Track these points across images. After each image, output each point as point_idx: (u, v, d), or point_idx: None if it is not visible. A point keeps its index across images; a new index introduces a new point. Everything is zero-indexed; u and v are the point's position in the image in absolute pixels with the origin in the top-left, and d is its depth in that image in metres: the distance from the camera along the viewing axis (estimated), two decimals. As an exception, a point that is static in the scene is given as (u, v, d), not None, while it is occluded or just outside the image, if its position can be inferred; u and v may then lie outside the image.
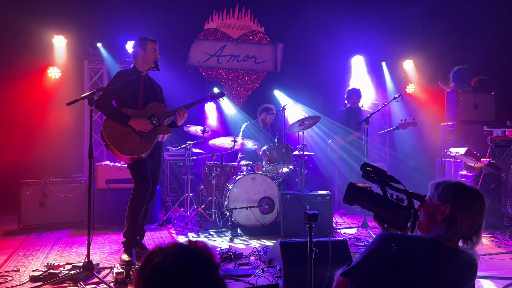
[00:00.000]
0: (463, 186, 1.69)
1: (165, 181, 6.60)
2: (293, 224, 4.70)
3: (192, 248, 0.99)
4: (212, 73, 7.67)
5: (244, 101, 7.76)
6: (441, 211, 1.66)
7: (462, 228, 1.62)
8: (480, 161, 5.02)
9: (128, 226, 3.63)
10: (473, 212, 1.63)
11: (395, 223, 1.84)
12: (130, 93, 3.64)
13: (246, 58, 7.74)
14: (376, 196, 1.93)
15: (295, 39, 7.70)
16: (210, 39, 7.59)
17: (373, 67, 7.90)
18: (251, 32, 7.78)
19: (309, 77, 7.56)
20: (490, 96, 6.37)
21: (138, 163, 3.59)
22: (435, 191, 1.72)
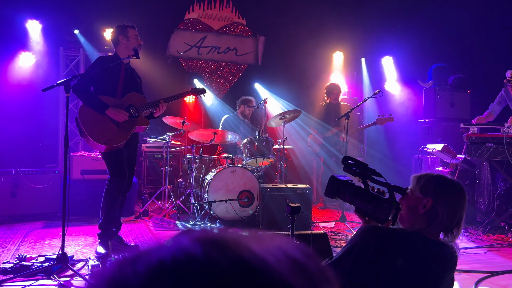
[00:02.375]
0: (445, 179, 1.70)
1: (142, 173, 6.49)
2: (272, 217, 4.69)
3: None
4: (192, 64, 7.57)
5: (224, 94, 7.70)
6: (423, 204, 1.66)
7: (444, 221, 1.63)
8: (456, 158, 5.13)
9: (103, 217, 3.54)
10: (454, 205, 1.65)
11: (377, 216, 1.84)
12: (109, 81, 3.54)
13: (227, 50, 7.66)
14: (357, 189, 1.92)
15: (276, 32, 7.67)
16: (191, 30, 7.47)
17: (353, 63, 7.96)
18: (233, 24, 7.71)
19: (290, 71, 7.55)
20: (466, 94, 6.51)
21: (114, 153, 3.50)
22: (417, 184, 1.73)
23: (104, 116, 3.44)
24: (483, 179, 5.42)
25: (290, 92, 7.47)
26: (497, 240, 4.41)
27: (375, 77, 7.92)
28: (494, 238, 4.50)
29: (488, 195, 5.38)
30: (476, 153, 4.62)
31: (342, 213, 5.09)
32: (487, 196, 5.39)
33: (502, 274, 3.35)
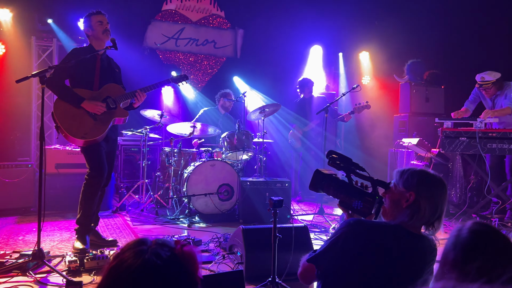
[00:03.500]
0: (427, 173, 1.74)
1: (119, 167, 6.37)
2: (252, 211, 4.70)
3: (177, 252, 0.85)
4: (170, 56, 7.46)
5: (203, 87, 7.62)
6: (405, 198, 1.70)
7: (426, 214, 1.67)
8: (430, 152, 5.26)
9: (82, 212, 3.46)
10: (436, 199, 1.69)
11: (360, 210, 1.87)
12: (85, 73, 3.44)
13: (206, 42, 7.58)
14: (341, 183, 1.95)
15: (255, 25, 7.64)
16: (168, 21, 7.35)
17: (331, 58, 8.03)
18: (211, 16, 7.63)
19: (268, 65, 7.55)
20: (440, 89, 6.67)
21: (93, 147, 3.42)
22: (400, 178, 1.76)
23: (80, 109, 3.35)
24: (456, 172, 5.59)
25: (269, 85, 7.47)
26: (469, 231, 4.56)
27: (352, 71, 8.02)
28: (466, 229, 4.65)
29: (460, 188, 5.55)
30: (449, 147, 4.74)
31: (321, 206, 5.14)
32: (459, 188, 5.57)
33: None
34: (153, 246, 0.85)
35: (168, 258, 0.83)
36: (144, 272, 0.81)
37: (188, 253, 0.85)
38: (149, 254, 0.83)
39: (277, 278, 2.60)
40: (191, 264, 0.85)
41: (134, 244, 0.86)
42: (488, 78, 4.98)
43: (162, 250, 0.84)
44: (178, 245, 0.86)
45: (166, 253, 0.83)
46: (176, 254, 0.84)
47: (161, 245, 0.86)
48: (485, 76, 5.00)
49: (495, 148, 4.57)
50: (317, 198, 5.70)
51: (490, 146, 4.59)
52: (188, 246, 0.88)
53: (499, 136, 4.55)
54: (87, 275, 2.95)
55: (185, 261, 0.84)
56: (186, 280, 0.83)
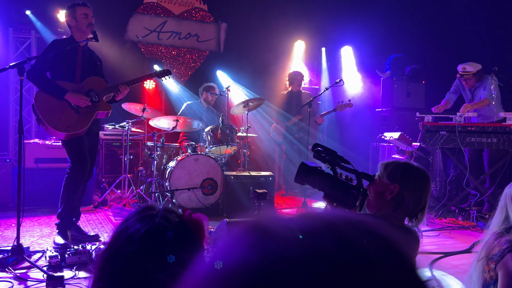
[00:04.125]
0: (411, 166, 1.77)
1: (100, 162, 6.27)
2: (236, 205, 4.70)
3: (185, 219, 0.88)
4: (152, 50, 7.36)
5: (186, 80, 7.55)
6: (390, 190, 1.72)
7: (409, 206, 1.70)
8: (411, 145, 5.35)
9: (63, 207, 3.39)
10: (419, 191, 1.72)
11: (345, 202, 1.88)
12: (66, 65, 3.36)
13: (188, 36, 7.50)
14: (326, 175, 1.96)
15: (239, 19, 7.59)
16: (150, 14, 7.24)
17: (314, 53, 8.05)
18: (194, 9, 7.54)
19: (252, 59, 7.52)
20: (422, 84, 6.78)
21: (75, 140, 3.35)
22: (384, 171, 1.79)
23: (63, 102, 3.28)
24: (436, 166, 5.70)
25: (252, 80, 7.45)
26: (449, 223, 4.67)
27: (335, 66, 8.06)
28: (445, 221, 4.76)
29: (440, 181, 5.66)
30: (430, 141, 4.83)
31: (304, 199, 5.18)
32: (439, 182, 5.68)
33: (454, 255, 3.56)
34: (162, 212, 0.87)
35: (177, 223, 0.86)
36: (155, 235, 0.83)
37: (196, 220, 0.88)
38: (159, 218, 0.85)
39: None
40: (198, 231, 0.87)
41: (143, 209, 0.89)
42: (469, 68, 5.07)
43: (171, 216, 0.87)
44: (186, 212, 0.89)
45: (175, 219, 0.86)
46: (184, 221, 0.87)
47: (170, 211, 0.88)
48: (466, 66, 5.09)
49: (474, 141, 4.67)
50: (300, 192, 5.74)
51: (469, 139, 4.69)
52: (196, 214, 0.90)
53: (477, 130, 4.66)
54: (68, 270, 2.90)
55: (193, 227, 0.87)
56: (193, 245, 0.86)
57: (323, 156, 2.00)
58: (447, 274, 3.14)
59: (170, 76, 3.92)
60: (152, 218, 0.86)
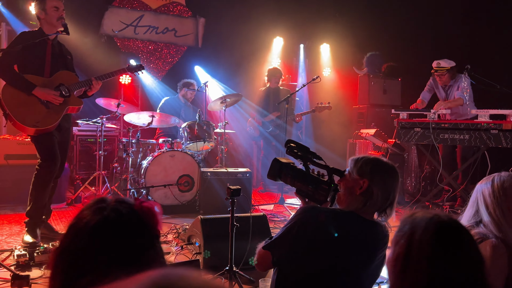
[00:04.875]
0: (380, 161, 1.78)
1: (74, 158, 6.14)
2: (212, 202, 4.66)
3: (136, 208, 0.87)
4: (128, 44, 7.23)
5: (163, 76, 7.45)
6: (359, 185, 1.73)
7: (378, 201, 1.71)
8: (387, 142, 5.42)
9: (32, 204, 3.29)
10: (388, 186, 1.73)
11: (316, 197, 1.89)
12: (35, 58, 3.25)
13: (166, 30, 7.40)
14: (298, 171, 1.96)
15: (217, 14, 7.54)
16: (127, 8, 7.11)
17: (293, 49, 8.06)
18: (171, 4, 7.45)
19: (230, 55, 7.48)
20: (398, 82, 6.87)
21: (44, 136, 3.25)
22: (354, 166, 1.79)
23: (31, 96, 3.17)
24: (411, 162, 5.79)
25: (231, 76, 7.41)
26: (422, 219, 4.74)
27: (313, 63, 8.10)
28: (419, 216, 4.83)
29: (415, 177, 5.76)
30: (405, 137, 4.89)
31: (281, 195, 5.19)
32: (414, 178, 5.77)
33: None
34: (113, 203, 0.87)
35: (128, 213, 0.85)
36: (103, 227, 0.83)
37: (147, 208, 0.88)
38: (108, 211, 0.84)
39: (234, 267, 2.59)
40: (150, 219, 0.87)
41: (93, 203, 0.88)
42: (444, 64, 5.16)
43: (122, 207, 0.86)
44: (137, 201, 0.88)
45: (125, 209, 0.85)
46: (135, 210, 0.86)
47: (121, 202, 0.87)
48: (440, 62, 5.17)
49: (447, 138, 4.76)
50: (278, 188, 5.74)
51: (442, 136, 4.77)
52: (148, 202, 0.90)
53: (450, 127, 4.74)
54: (37, 269, 2.83)
55: (145, 216, 0.86)
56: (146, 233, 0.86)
57: (295, 152, 2.00)
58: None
59: (143, 71, 3.85)
60: (101, 211, 0.85)
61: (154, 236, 0.88)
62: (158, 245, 0.88)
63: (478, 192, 1.76)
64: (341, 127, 7.29)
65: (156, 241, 0.88)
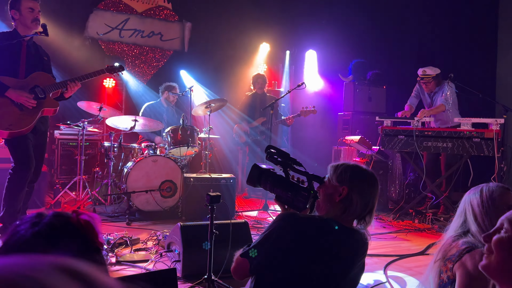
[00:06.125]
0: (360, 168, 1.75)
1: (55, 162, 6.01)
2: (195, 208, 4.59)
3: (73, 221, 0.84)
4: (113, 47, 7.15)
5: (148, 80, 7.38)
6: (338, 192, 1.70)
7: (357, 209, 1.68)
8: (371, 149, 5.42)
9: (6, 210, 3.19)
10: (368, 193, 1.70)
11: (295, 204, 1.86)
12: (9, 60, 3.17)
13: (152, 34, 7.34)
14: (278, 177, 1.93)
15: (204, 19, 7.51)
16: (112, 10, 7.04)
17: (279, 55, 8.07)
18: (158, 8, 7.39)
19: (216, 60, 7.46)
20: (382, 89, 6.91)
21: (19, 139, 3.16)
22: (334, 173, 1.76)
23: (4, 98, 3.08)
24: (395, 170, 5.81)
25: (216, 81, 7.38)
26: (406, 226, 4.75)
27: (299, 70, 8.11)
28: (403, 223, 4.84)
29: (399, 184, 5.78)
30: (389, 144, 4.91)
31: (265, 202, 5.15)
32: (398, 185, 5.79)
33: (408, 257, 3.61)
34: (48, 218, 0.84)
35: (62, 227, 0.83)
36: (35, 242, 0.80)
37: (85, 221, 0.85)
38: (42, 225, 0.82)
39: (213, 276, 2.53)
40: (88, 232, 0.84)
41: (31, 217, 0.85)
42: (429, 71, 5.20)
43: (57, 221, 0.83)
44: (74, 214, 0.85)
45: (60, 223, 0.83)
46: (72, 223, 0.84)
47: (57, 216, 0.84)
48: (426, 69, 5.22)
49: (431, 146, 4.79)
50: (262, 194, 5.70)
51: (426, 144, 4.80)
52: (86, 214, 0.87)
53: (434, 135, 4.78)
54: None
55: (82, 229, 0.84)
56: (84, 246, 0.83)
57: (275, 158, 1.97)
58: (403, 275, 3.18)
59: (123, 72, 3.79)
60: (34, 226, 0.82)
61: (93, 249, 0.85)
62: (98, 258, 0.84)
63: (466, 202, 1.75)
64: (326, 133, 7.30)
65: (96, 254, 0.85)
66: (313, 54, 8.02)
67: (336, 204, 1.70)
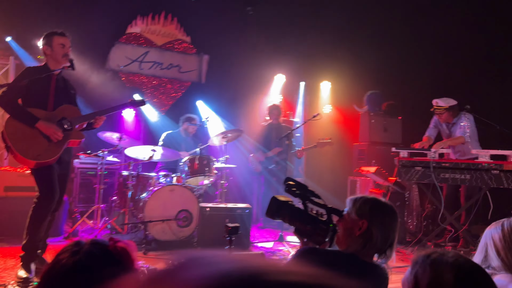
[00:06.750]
0: (379, 201, 1.76)
1: (74, 191, 6.11)
2: (211, 238, 4.59)
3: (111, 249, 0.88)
4: (133, 79, 7.37)
5: (166, 110, 7.55)
6: (358, 226, 1.71)
7: (378, 243, 1.68)
8: (388, 180, 5.39)
9: (28, 238, 3.25)
10: (387, 227, 1.71)
11: (315, 237, 1.86)
12: (39, 93, 3.31)
13: (170, 66, 7.56)
14: (297, 210, 1.94)
15: (221, 52, 7.71)
16: (133, 44, 7.30)
17: (294, 86, 8.19)
18: (176, 41, 7.64)
19: (232, 91, 7.60)
20: (398, 120, 6.92)
21: (44, 169, 3.26)
22: (353, 207, 1.78)
23: (34, 129, 3.21)
24: (412, 201, 5.74)
25: (232, 111, 7.50)
26: (424, 259, 4.64)
27: (314, 100, 8.20)
28: (421, 257, 4.73)
29: (416, 216, 5.69)
30: (406, 175, 4.87)
31: (281, 233, 5.12)
32: (415, 217, 5.71)
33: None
34: (87, 246, 0.88)
35: (101, 255, 0.87)
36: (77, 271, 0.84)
37: (122, 248, 0.89)
38: (82, 254, 0.86)
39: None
40: (125, 258, 0.88)
41: (69, 246, 0.89)
42: (441, 103, 5.20)
43: (96, 249, 0.88)
44: (111, 242, 0.90)
45: (99, 251, 0.87)
46: (110, 251, 0.88)
47: (95, 244, 0.89)
48: (438, 101, 5.22)
49: (448, 177, 4.74)
50: (278, 225, 5.67)
51: (443, 175, 4.75)
52: (122, 242, 0.91)
53: (451, 166, 4.73)
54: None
55: (119, 256, 0.88)
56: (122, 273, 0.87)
57: (293, 190, 1.99)
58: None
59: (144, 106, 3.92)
60: (74, 255, 0.86)
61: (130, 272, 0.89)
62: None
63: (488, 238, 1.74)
64: (341, 164, 7.29)
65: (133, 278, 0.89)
66: (328, 85, 8.12)
67: (356, 238, 1.71)
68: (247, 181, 6.94)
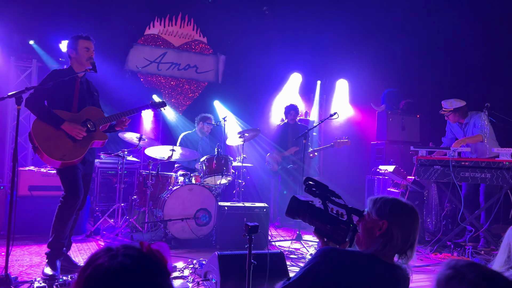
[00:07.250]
0: (399, 202, 1.77)
1: (95, 190, 6.25)
2: (229, 236, 4.64)
3: (144, 251, 0.93)
4: (151, 80, 7.48)
5: (183, 110, 7.65)
6: (378, 227, 1.72)
7: (398, 243, 1.69)
8: (406, 179, 5.36)
9: (54, 236, 3.36)
10: (408, 227, 1.71)
11: (335, 237, 1.87)
12: (64, 95, 3.42)
13: (187, 67, 7.65)
14: (317, 210, 1.96)
15: (237, 52, 7.76)
16: (151, 45, 7.41)
17: (310, 85, 8.19)
18: (193, 42, 7.72)
19: (249, 90, 7.65)
20: (416, 118, 6.86)
21: (70, 169, 3.36)
22: (373, 207, 1.78)
23: (59, 131, 3.31)
24: (431, 200, 5.69)
25: (249, 111, 7.55)
26: (444, 259, 4.61)
27: (331, 99, 8.19)
28: (441, 256, 4.71)
29: (435, 215, 5.64)
30: (424, 174, 4.84)
31: (298, 232, 5.14)
32: (434, 216, 5.66)
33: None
34: (121, 250, 0.92)
35: (138, 257, 0.91)
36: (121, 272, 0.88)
37: (156, 250, 0.94)
38: (121, 257, 0.90)
39: (252, 306, 2.56)
40: (159, 260, 0.93)
41: (103, 251, 0.93)
42: (446, 105, 5.23)
43: (131, 251, 0.92)
44: (144, 245, 0.95)
45: (136, 254, 0.92)
46: (144, 253, 0.93)
47: (128, 248, 0.93)
48: (444, 103, 5.23)
49: (468, 176, 4.69)
50: (295, 224, 5.70)
51: (463, 174, 4.70)
52: (155, 244, 0.96)
53: (471, 165, 4.68)
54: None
55: (154, 257, 0.93)
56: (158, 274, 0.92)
57: (313, 190, 2.01)
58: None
59: (165, 108, 4.00)
60: (113, 258, 0.90)
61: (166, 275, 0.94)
62: (170, 283, 0.94)
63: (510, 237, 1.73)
64: (358, 162, 7.26)
65: (169, 280, 0.94)
66: (345, 83, 8.09)
67: (376, 238, 1.71)
68: (264, 180, 6.98)
